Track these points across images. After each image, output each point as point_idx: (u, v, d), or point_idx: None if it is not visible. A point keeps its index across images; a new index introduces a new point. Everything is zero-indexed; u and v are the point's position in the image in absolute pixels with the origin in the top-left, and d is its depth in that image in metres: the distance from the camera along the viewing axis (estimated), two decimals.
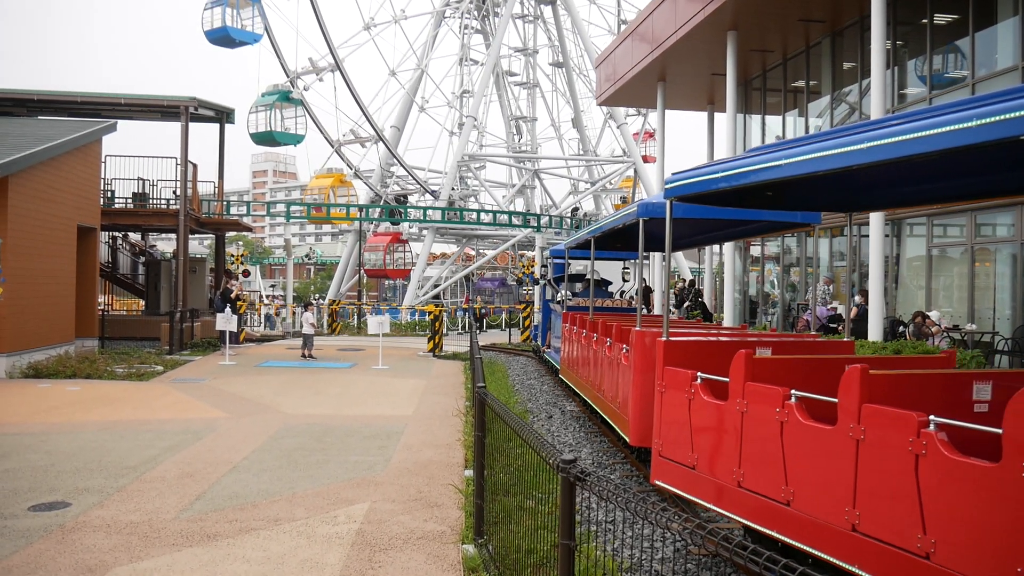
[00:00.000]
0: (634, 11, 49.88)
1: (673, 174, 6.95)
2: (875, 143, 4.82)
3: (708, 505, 6.38)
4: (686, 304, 23.74)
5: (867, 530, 4.61)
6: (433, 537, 6.40)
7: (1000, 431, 3.80)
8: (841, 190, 6.91)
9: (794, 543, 5.24)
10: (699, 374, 6.59)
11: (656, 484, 7.11)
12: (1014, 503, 3.67)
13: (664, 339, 7.26)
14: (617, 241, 12.79)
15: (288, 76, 40.29)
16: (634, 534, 6.84)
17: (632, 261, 9.50)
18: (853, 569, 4.71)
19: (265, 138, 40.14)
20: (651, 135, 46.35)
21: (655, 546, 6.67)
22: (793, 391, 5.36)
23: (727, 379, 6.10)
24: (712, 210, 8.10)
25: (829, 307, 17.49)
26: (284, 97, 39.71)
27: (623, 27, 49.61)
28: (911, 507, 4.28)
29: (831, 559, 4.89)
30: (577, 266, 20.86)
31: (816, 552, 5.02)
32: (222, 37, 36.86)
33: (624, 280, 21.40)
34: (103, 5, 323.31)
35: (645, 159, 48.62)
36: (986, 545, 3.82)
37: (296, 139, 40.47)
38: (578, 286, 18.67)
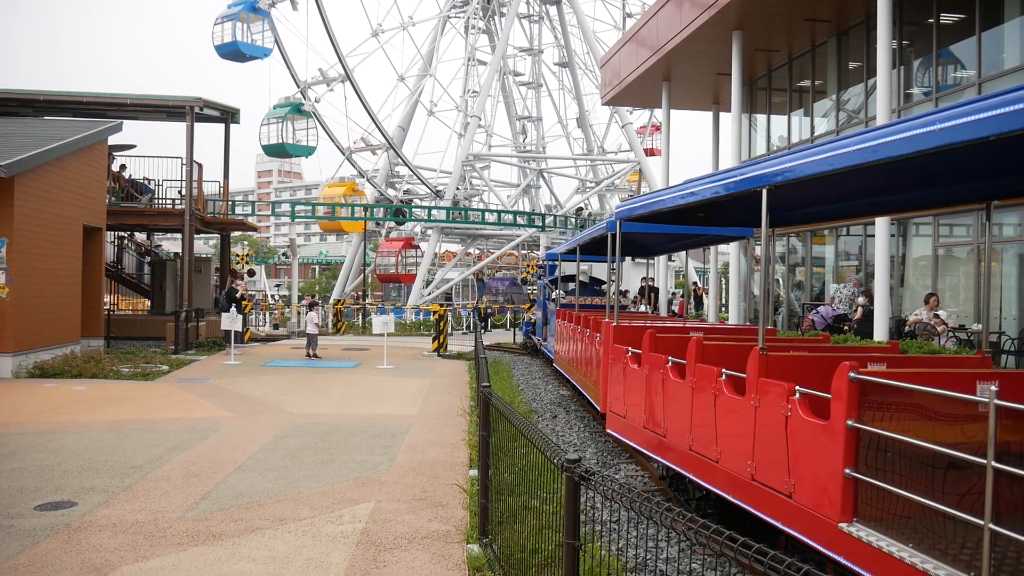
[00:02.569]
0: (639, 5, 49.85)
1: (621, 201, 9.70)
2: (710, 184, 6.94)
3: (627, 441, 8.93)
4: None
5: (759, 477, 5.87)
6: (438, 537, 6.40)
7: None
8: (752, 211, 8.19)
9: (666, 462, 7.71)
10: (629, 348, 8.80)
11: (608, 433, 9.75)
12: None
13: (615, 324, 9.85)
14: (602, 247, 14.04)
15: (299, 87, 40.39)
16: (639, 534, 6.83)
17: (618, 264, 11.87)
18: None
19: (277, 150, 40.29)
20: (658, 128, 46.25)
21: (660, 546, 6.67)
22: (671, 358, 7.62)
23: (631, 349, 8.73)
24: (668, 227, 10.31)
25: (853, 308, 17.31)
26: (295, 110, 39.83)
27: (628, 21, 49.62)
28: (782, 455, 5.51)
29: (677, 467, 7.38)
30: (571, 269, 21.57)
31: (669, 463, 7.61)
32: (233, 52, 37.00)
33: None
34: (108, 5, 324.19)
35: (651, 152, 48.59)
36: None
37: (307, 151, 40.62)
38: (570, 286, 20.04)
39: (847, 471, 4.75)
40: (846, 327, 16.30)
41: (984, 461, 3.78)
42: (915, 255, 17.68)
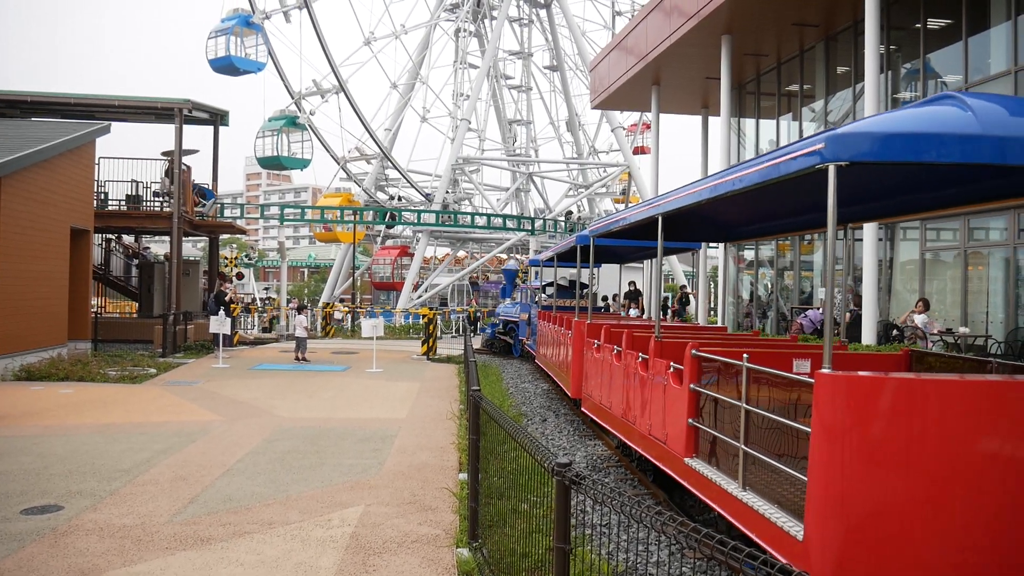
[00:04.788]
0: (629, 3, 49.99)
1: (593, 224, 12.14)
2: (634, 212, 8.97)
3: (593, 417, 10.69)
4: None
5: (660, 436, 7.42)
6: (427, 540, 6.38)
7: None
8: (701, 228, 10.20)
9: (611, 429, 9.56)
10: (594, 341, 10.71)
11: (583, 411, 11.44)
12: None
13: (588, 322, 11.69)
14: (582, 256, 15.32)
15: (293, 98, 40.40)
16: (629, 537, 6.83)
17: (590, 270, 14.30)
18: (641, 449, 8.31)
19: (272, 163, 40.30)
20: (648, 126, 46.48)
21: (650, 549, 6.67)
22: (615, 347, 9.45)
23: (597, 341, 10.55)
24: (632, 241, 11.89)
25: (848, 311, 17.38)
26: (291, 123, 39.88)
27: (618, 20, 49.75)
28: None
29: (616, 432, 9.34)
30: (563, 273, 22.45)
31: (612, 429, 9.52)
32: (227, 66, 37.03)
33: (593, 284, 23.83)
34: (101, 7, 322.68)
35: (642, 149, 48.78)
36: None
37: (303, 164, 40.65)
38: (548, 290, 21.34)
39: (689, 421, 6.55)
40: (835, 331, 16.35)
41: (741, 404, 5.50)
42: (902, 259, 17.78)
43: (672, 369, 7.02)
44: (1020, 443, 4.34)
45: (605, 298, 26.89)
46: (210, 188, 25.93)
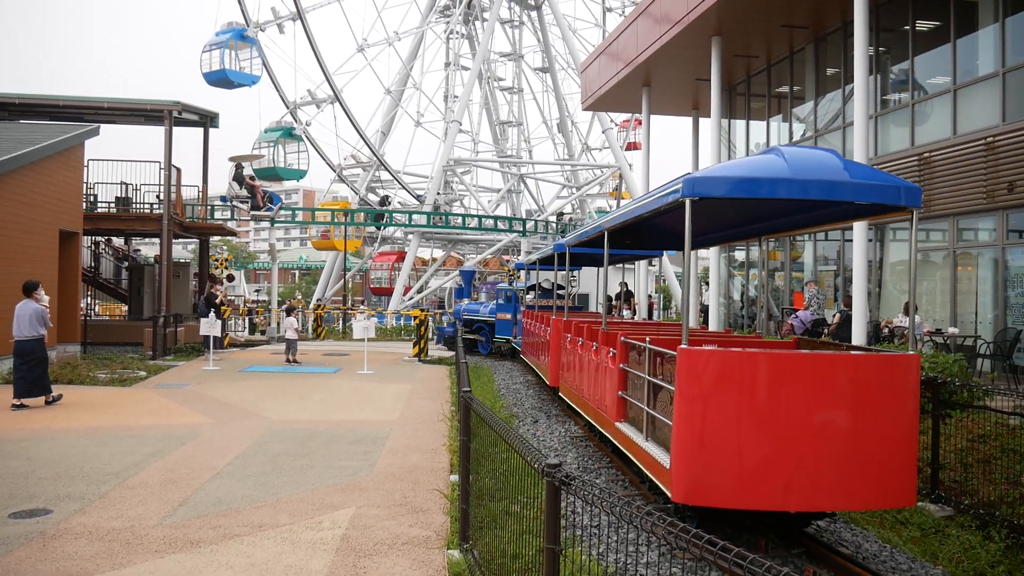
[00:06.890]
0: (619, 1, 50.01)
1: (568, 236, 13.49)
2: (591, 226, 10.96)
3: (568, 400, 12.29)
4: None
5: (603, 408, 9.27)
6: (418, 542, 6.37)
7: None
8: (665, 237, 11.85)
9: (576, 407, 11.51)
10: (567, 335, 12.36)
11: (560, 395, 13.20)
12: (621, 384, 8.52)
13: (565, 319, 12.98)
14: (560, 262, 16.40)
15: (288, 108, 40.37)
16: (619, 538, 6.83)
17: (567, 273, 15.95)
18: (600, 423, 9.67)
19: (269, 174, 40.34)
20: (640, 122, 46.52)
21: (640, 550, 6.67)
22: (579, 338, 11.09)
23: (570, 335, 12.08)
24: (601, 249, 12.83)
25: (815, 313, 17.53)
26: (287, 134, 39.91)
27: (609, 16, 49.76)
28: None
29: (580, 409, 11.15)
30: (548, 276, 23.20)
31: (576, 407, 11.46)
32: (221, 80, 37.00)
33: (571, 287, 24.96)
34: (82, 9, 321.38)
35: (634, 146, 48.80)
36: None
37: (299, 174, 40.73)
38: (530, 294, 22.31)
39: (620, 393, 8.41)
40: (824, 331, 16.41)
41: (646, 377, 7.31)
42: (892, 260, 17.85)
43: (611, 352, 8.75)
44: (805, 392, 6.15)
45: (609, 298, 27.04)
46: (277, 195, 26.39)
